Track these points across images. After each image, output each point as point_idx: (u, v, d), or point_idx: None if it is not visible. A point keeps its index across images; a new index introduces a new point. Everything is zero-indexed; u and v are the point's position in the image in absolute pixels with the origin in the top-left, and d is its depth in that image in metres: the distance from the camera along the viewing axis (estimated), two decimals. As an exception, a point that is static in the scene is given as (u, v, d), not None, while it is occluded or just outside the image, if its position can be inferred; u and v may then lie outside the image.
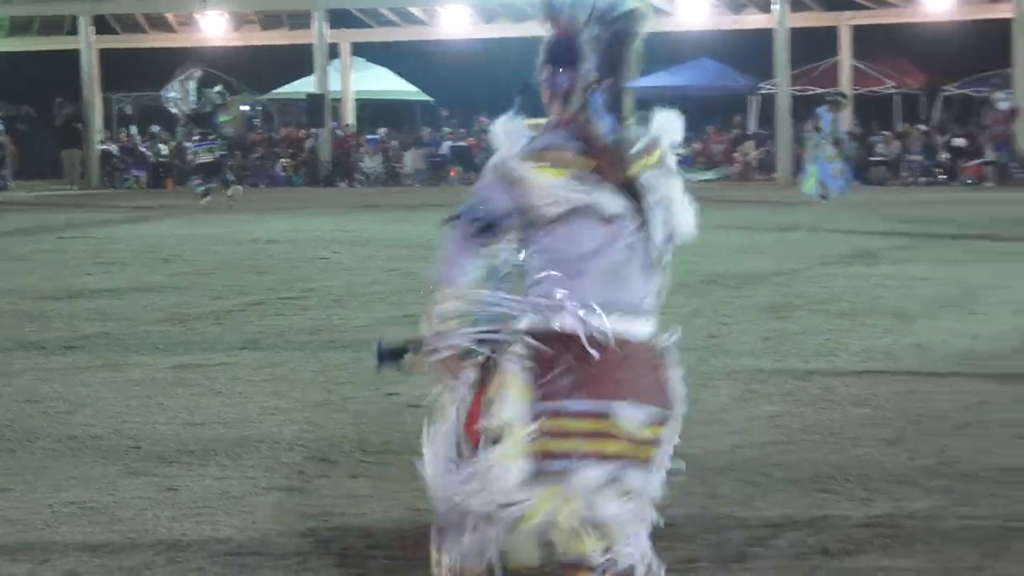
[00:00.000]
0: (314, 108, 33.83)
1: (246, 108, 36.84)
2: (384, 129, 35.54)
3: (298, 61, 35.41)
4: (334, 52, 35.43)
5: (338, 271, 14.29)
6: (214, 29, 34.93)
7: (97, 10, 34.94)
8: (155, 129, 34.83)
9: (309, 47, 33.97)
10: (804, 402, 7.62)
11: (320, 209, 24.60)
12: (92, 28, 34.88)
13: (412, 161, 34.10)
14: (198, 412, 7.55)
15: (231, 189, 23.68)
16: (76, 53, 34.80)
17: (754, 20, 32.59)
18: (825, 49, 33.47)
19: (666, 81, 31.91)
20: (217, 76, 25.77)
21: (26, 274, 14.46)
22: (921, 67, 35.58)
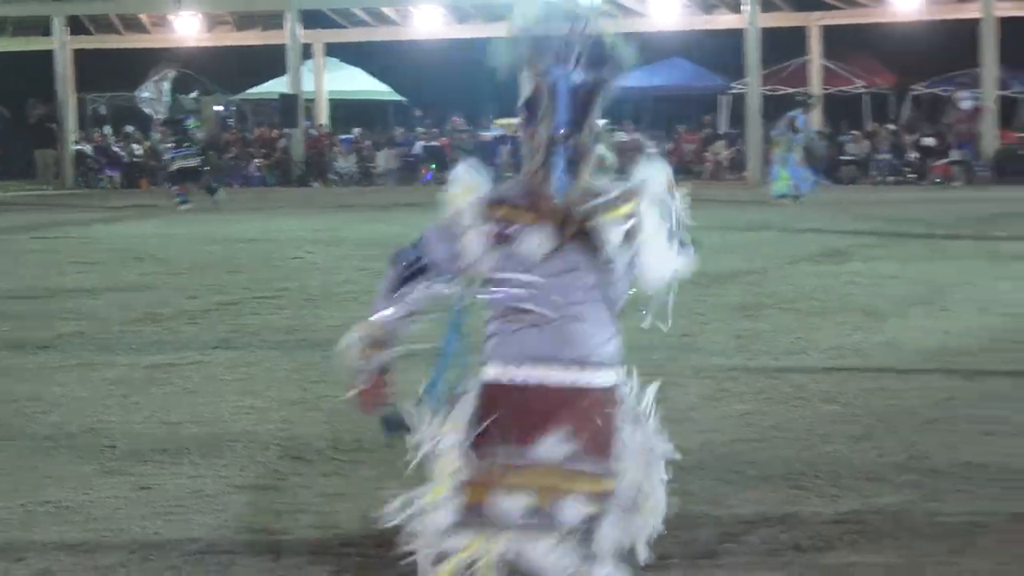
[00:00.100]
0: (287, 108, 33.76)
1: (219, 108, 36.81)
2: (358, 129, 35.48)
3: (271, 61, 35.32)
4: (307, 52, 35.36)
5: (312, 271, 14.29)
6: (188, 29, 34.82)
7: (71, 10, 34.80)
8: (129, 129, 34.67)
9: (282, 47, 33.89)
10: (775, 400, 7.68)
11: (294, 209, 24.58)
12: (66, 28, 34.72)
13: (385, 161, 34.06)
14: (173, 411, 7.57)
15: (216, 195, 23.72)
16: (50, 54, 34.63)
17: (725, 20, 32.70)
18: (795, 49, 33.55)
19: (638, 81, 31.92)
20: (191, 76, 25.72)
21: (0, 274, 14.43)
22: (890, 67, 35.69)
